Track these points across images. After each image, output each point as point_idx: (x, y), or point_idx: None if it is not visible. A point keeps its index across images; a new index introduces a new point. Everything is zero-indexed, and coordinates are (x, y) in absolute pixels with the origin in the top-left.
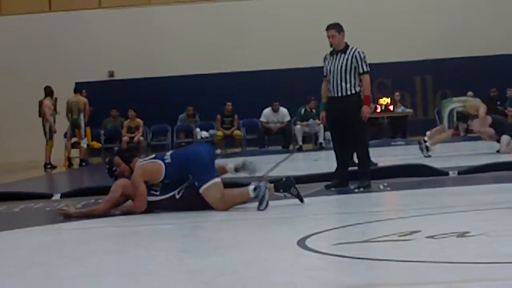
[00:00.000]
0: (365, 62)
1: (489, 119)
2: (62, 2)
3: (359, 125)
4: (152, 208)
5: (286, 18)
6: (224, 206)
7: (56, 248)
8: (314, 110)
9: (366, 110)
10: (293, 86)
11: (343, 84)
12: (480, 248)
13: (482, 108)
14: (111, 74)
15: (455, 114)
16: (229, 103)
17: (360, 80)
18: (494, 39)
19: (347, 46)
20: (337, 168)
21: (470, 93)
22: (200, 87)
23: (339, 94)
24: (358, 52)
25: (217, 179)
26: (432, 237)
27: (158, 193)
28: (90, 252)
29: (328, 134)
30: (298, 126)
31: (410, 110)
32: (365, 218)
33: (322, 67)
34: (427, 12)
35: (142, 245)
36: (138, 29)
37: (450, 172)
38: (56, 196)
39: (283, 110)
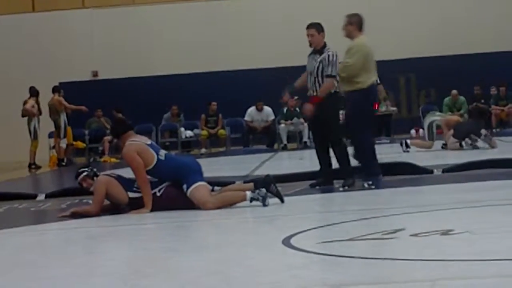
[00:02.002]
0: (333, 65)
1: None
2: (46, 2)
3: (334, 125)
4: (135, 205)
5: (270, 18)
6: (212, 206)
7: (42, 249)
8: (297, 109)
9: (306, 107)
10: (277, 85)
11: (316, 85)
12: (464, 246)
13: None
14: (95, 74)
15: (434, 126)
16: (214, 103)
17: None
18: (478, 37)
19: (323, 47)
20: (320, 167)
21: (454, 91)
22: (185, 87)
23: (314, 95)
24: (329, 54)
25: (203, 182)
26: (416, 235)
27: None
28: (76, 252)
29: None
30: (282, 125)
31: (394, 109)
32: (349, 216)
33: (305, 66)
34: (410, 10)
35: (127, 245)
36: (122, 29)
37: (435, 170)
38: (41, 197)
39: (267, 109)
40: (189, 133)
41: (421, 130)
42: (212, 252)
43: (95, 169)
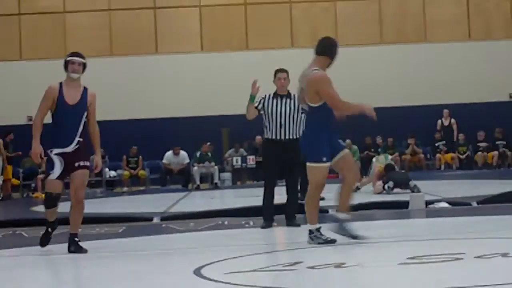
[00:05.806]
0: None
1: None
2: None
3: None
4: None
5: (187, 72)
6: None
7: None
8: (209, 153)
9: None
10: (192, 132)
11: (296, 128)
12: (350, 278)
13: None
14: (30, 118)
15: (373, 167)
16: (134, 147)
17: None
18: (371, 92)
19: (289, 92)
20: (266, 204)
21: (348, 141)
22: (110, 132)
23: (292, 137)
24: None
25: None
26: (312, 267)
27: None
28: None
29: (223, 175)
30: (196, 168)
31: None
32: (255, 250)
33: (217, 116)
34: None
35: (46, 274)
36: (54, 79)
37: (329, 210)
38: None
39: (183, 153)
40: (112, 173)
41: None
42: (126, 282)
43: None
